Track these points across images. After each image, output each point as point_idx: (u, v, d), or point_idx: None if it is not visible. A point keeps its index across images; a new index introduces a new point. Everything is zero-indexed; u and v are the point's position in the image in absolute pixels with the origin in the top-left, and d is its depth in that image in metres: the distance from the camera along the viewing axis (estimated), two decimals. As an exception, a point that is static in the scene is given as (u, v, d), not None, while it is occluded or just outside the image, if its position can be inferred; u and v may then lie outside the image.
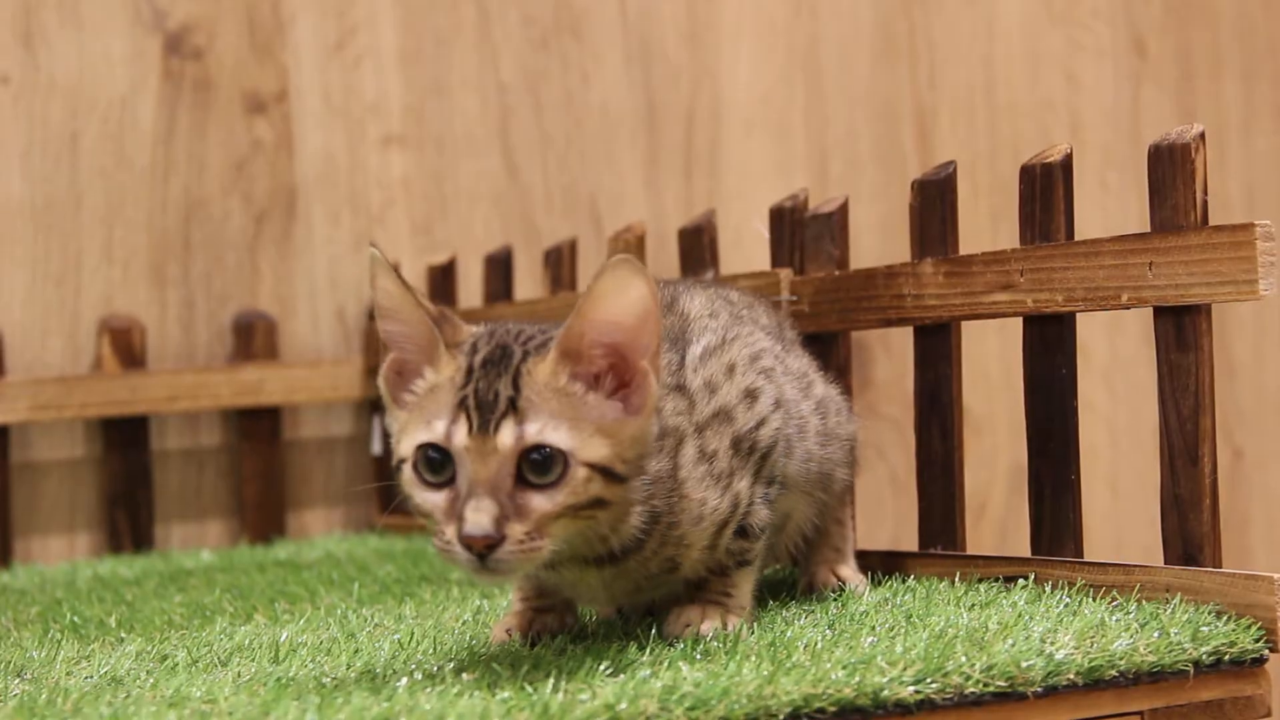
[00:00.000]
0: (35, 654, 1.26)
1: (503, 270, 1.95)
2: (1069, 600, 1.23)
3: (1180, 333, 1.24)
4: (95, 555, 1.95)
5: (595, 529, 1.07)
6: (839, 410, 1.35)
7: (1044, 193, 1.33)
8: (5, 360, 1.94)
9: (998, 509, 2.37)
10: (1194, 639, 1.13)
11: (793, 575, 1.42)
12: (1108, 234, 1.30)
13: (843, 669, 1.03)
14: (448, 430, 1.03)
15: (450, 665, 1.09)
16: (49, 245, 1.98)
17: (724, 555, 1.18)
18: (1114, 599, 1.23)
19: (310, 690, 1.04)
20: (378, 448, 2.06)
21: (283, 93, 2.07)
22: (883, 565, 1.44)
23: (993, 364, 2.33)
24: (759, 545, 1.21)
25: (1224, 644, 1.14)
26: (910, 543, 1.47)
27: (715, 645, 1.11)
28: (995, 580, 1.34)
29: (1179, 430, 1.24)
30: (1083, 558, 1.32)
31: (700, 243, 1.65)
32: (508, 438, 1.02)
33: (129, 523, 1.96)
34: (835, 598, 1.31)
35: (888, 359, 2.30)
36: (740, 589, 1.20)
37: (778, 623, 1.21)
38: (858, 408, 1.47)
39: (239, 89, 2.06)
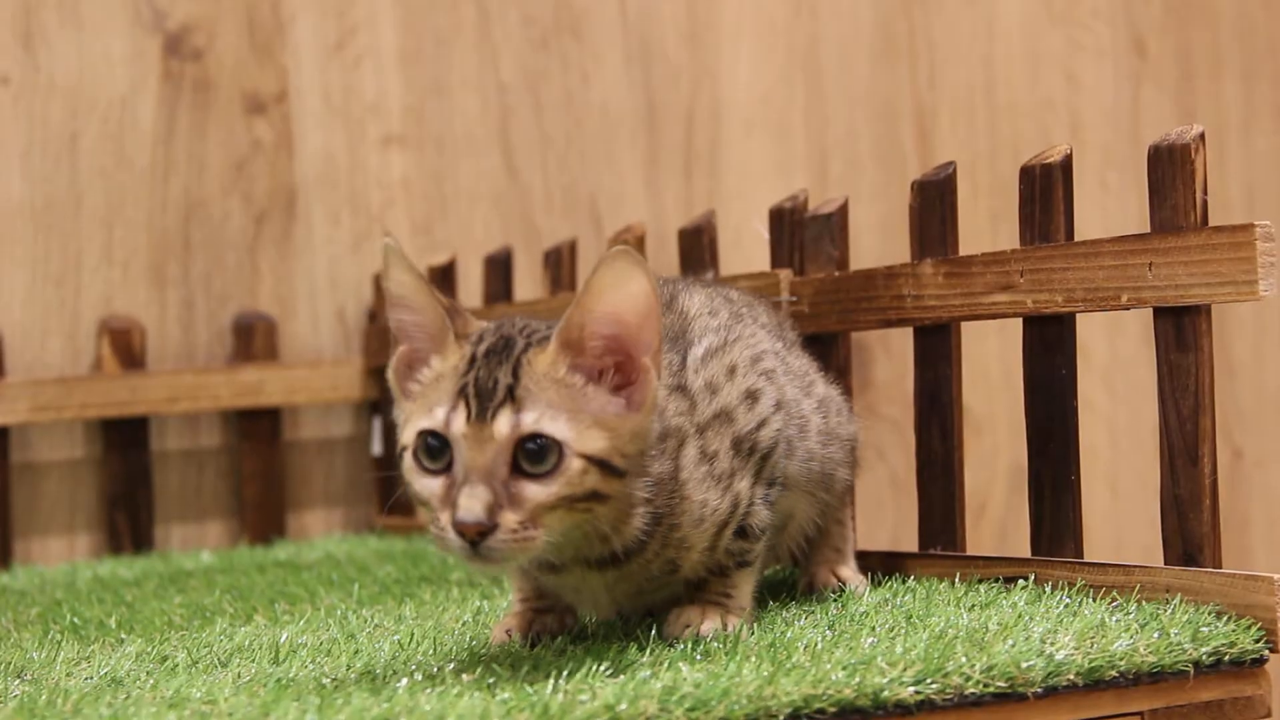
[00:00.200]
0: (35, 655, 1.26)
1: (503, 271, 1.95)
2: (1069, 601, 1.23)
3: (1180, 333, 1.24)
4: (95, 556, 1.95)
5: (593, 524, 1.07)
6: (840, 410, 1.35)
7: (1044, 193, 1.33)
8: (5, 361, 1.94)
9: (998, 509, 2.36)
10: (1194, 639, 1.13)
11: (793, 575, 1.42)
12: (1108, 234, 1.30)
13: (843, 669, 1.03)
14: (447, 417, 1.03)
15: (450, 666, 1.09)
16: (49, 245, 1.98)
17: (724, 556, 1.18)
18: (1114, 599, 1.23)
19: (310, 691, 1.04)
20: (378, 448, 2.06)
21: (283, 93, 2.07)
22: (883, 566, 1.44)
23: (993, 364, 2.33)
24: (759, 546, 1.21)
25: (1224, 644, 1.14)
26: (910, 543, 1.47)
27: (715, 646, 1.11)
28: (995, 581, 1.34)
29: (1179, 430, 1.23)
30: (1083, 558, 1.32)
31: (700, 243, 1.65)
32: (504, 426, 1.02)
33: (129, 524, 1.96)
34: (835, 598, 1.31)
35: (888, 359, 2.30)
36: (740, 590, 1.20)
37: (778, 623, 1.21)
38: (858, 408, 1.47)
39: (239, 89, 2.06)
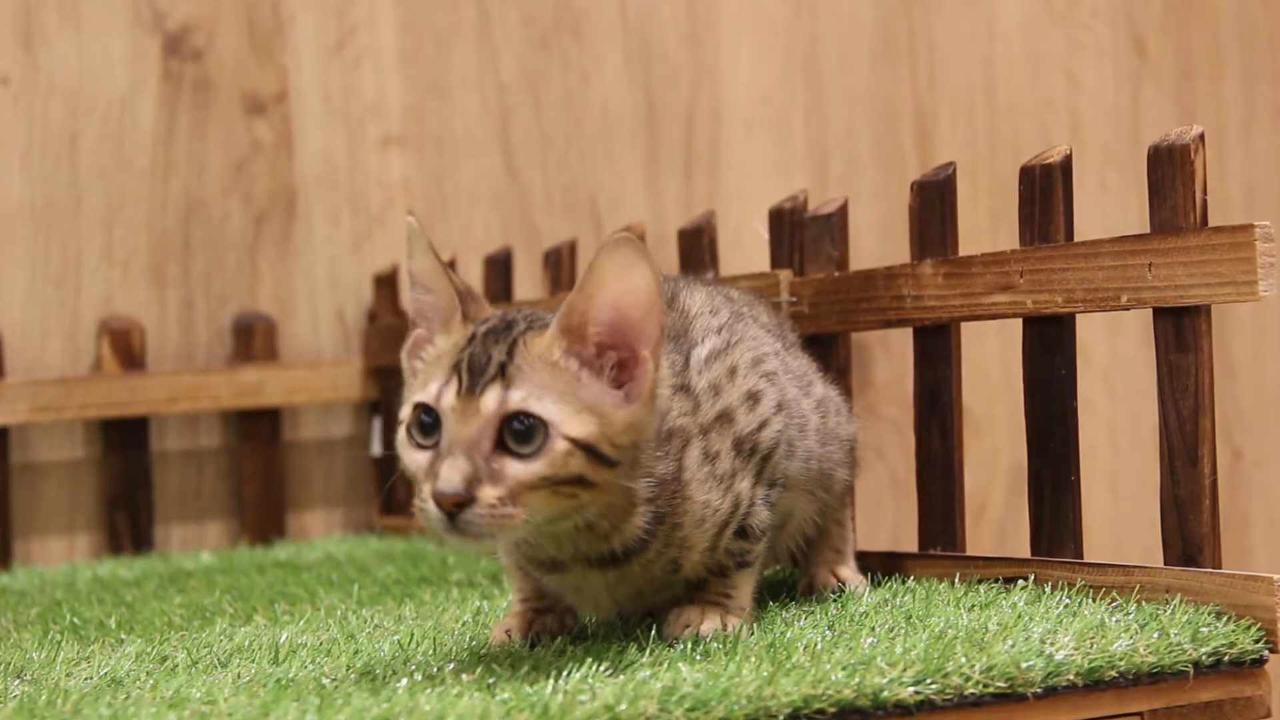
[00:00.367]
0: (35, 655, 1.26)
1: (502, 271, 1.95)
2: (1069, 601, 1.23)
3: (1180, 333, 1.24)
4: (95, 556, 1.95)
5: (581, 512, 1.07)
6: (839, 410, 1.35)
7: (1044, 194, 1.33)
8: (5, 361, 1.94)
9: (997, 509, 2.36)
10: (1194, 640, 1.13)
11: (793, 576, 1.42)
12: (1108, 234, 1.30)
13: (842, 670, 1.03)
14: (439, 391, 1.05)
15: (450, 666, 1.09)
16: (49, 245, 1.98)
17: (724, 556, 1.18)
18: (1114, 600, 1.23)
19: (310, 691, 1.04)
20: (378, 448, 2.06)
21: (283, 93, 2.07)
22: (882, 566, 1.44)
23: (993, 364, 2.33)
24: (759, 546, 1.21)
25: (1224, 645, 1.14)
26: (910, 543, 1.47)
27: (715, 646, 1.11)
28: (995, 581, 1.34)
29: (1179, 431, 1.23)
30: (1082, 558, 1.32)
31: (700, 243, 1.65)
32: (491, 401, 1.03)
33: (129, 524, 1.96)
34: (835, 598, 1.31)
35: (887, 360, 2.30)
36: (740, 590, 1.20)
37: (778, 623, 1.21)
38: (858, 409, 1.47)
39: (239, 89, 2.06)
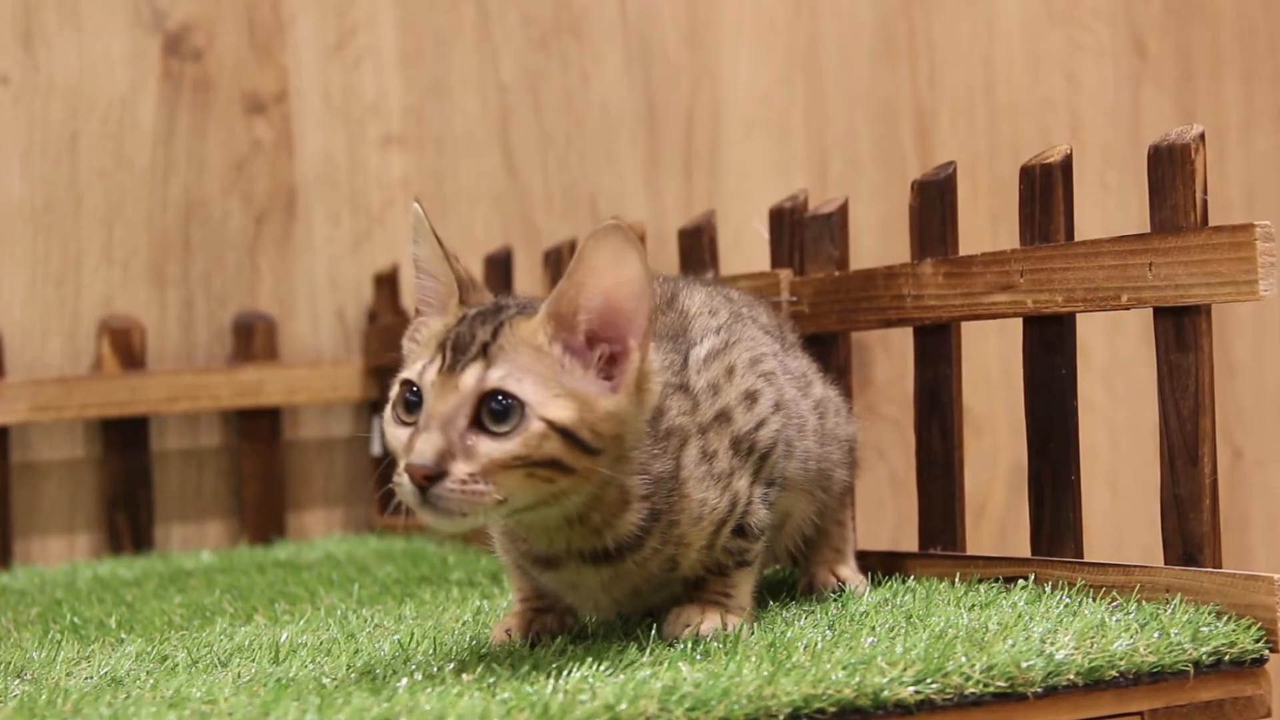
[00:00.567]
0: (35, 655, 1.26)
1: (502, 270, 1.95)
2: (1069, 600, 1.23)
3: (1180, 333, 1.24)
4: (95, 556, 1.95)
5: (557, 498, 1.07)
6: (838, 411, 1.35)
7: (1044, 193, 1.33)
8: (5, 361, 1.94)
9: (998, 509, 2.36)
10: (1194, 639, 1.13)
11: (793, 575, 1.42)
12: (1108, 234, 1.30)
13: (843, 669, 1.03)
14: (423, 367, 1.06)
15: (450, 666, 1.09)
16: (49, 245, 1.98)
17: (722, 555, 1.18)
18: (1114, 599, 1.23)
19: (310, 691, 1.04)
20: (378, 448, 2.06)
21: (283, 93, 2.07)
22: (883, 565, 1.44)
23: (993, 364, 2.33)
24: (758, 545, 1.21)
25: (1224, 644, 1.14)
26: (910, 543, 1.47)
27: (715, 645, 1.11)
28: (995, 580, 1.34)
29: (1179, 430, 1.23)
30: (1083, 558, 1.32)
31: (700, 243, 1.65)
32: (470, 379, 1.04)
33: (129, 523, 1.96)
34: (835, 598, 1.31)
35: (888, 359, 2.30)
36: (740, 589, 1.20)
37: (778, 623, 1.21)
38: (858, 408, 1.46)
39: (239, 89, 2.06)
